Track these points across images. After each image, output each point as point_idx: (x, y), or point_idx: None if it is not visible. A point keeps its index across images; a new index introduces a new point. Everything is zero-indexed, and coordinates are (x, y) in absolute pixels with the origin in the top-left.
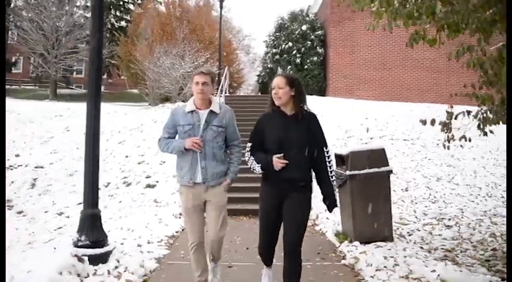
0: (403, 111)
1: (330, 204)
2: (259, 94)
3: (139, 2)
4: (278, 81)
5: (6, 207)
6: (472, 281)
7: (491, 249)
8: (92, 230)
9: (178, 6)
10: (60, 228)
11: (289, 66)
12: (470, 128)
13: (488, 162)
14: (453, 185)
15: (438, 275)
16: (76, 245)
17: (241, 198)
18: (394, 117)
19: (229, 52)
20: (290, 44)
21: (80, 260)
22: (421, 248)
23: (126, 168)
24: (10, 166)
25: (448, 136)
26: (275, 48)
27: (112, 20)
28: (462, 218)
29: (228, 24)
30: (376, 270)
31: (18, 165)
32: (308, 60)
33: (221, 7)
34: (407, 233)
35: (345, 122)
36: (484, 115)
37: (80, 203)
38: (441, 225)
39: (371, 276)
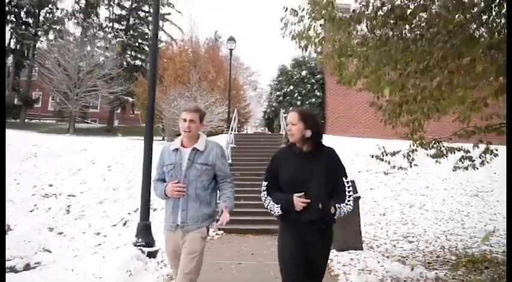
0: (390, 148)
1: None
2: (266, 130)
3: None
4: (291, 118)
5: (48, 229)
6: (407, 272)
7: (436, 256)
8: (145, 234)
9: (191, 52)
10: (100, 244)
11: (291, 108)
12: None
13: (456, 192)
14: (423, 210)
15: (384, 268)
16: (135, 245)
17: (246, 221)
18: (381, 154)
19: (236, 89)
20: (292, 87)
21: (143, 251)
22: (382, 255)
23: (151, 196)
24: (46, 194)
25: (390, 166)
26: (278, 91)
27: (128, 59)
28: (424, 236)
29: (235, 62)
30: (343, 266)
31: (53, 194)
32: (308, 102)
33: (231, 55)
34: (376, 245)
35: None
36: (409, 153)
37: (114, 225)
38: (405, 241)
39: (338, 269)
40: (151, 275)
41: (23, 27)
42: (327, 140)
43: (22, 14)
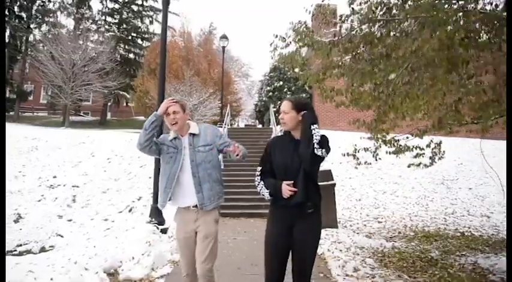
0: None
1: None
2: (257, 123)
3: (146, 36)
4: (284, 106)
5: (57, 217)
6: (371, 243)
7: (397, 233)
8: (157, 215)
9: (183, 48)
10: (109, 229)
11: (279, 102)
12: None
13: (425, 181)
14: (394, 196)
15: (352, 240)
16: (148, 223)
17: (240, 206)
18: (361, 146)
19: (228, 82)
20: (281, 82)
21: (157, 227)
22: (353, 231)
23: (151, 185)
24: (51, 185)
25: (357, 162)
26: (269, 87)
27: (122, 52)
28: (391, 217)
29: (227, 54)
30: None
31: (58, 185)
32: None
33: (223, 52)
34: (350, 225)
35: None
36: (375, 150)
37: (120, 212)
38: (374, 221)
39: None
40: (166, 244)
41: (16, 21)
42: None
43: (15, 8)
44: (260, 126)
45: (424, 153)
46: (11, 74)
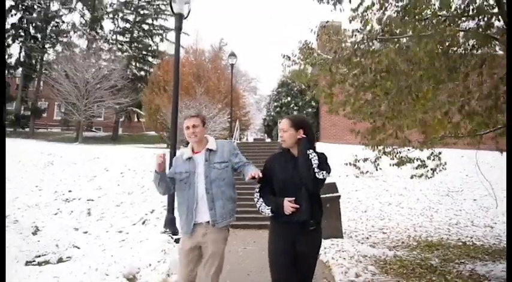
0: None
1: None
2: (266, 136)
3: (157, 54)
4: (283, 124)
5: (73, 229)
6: (374, 252)
7: (401, 243)
8: (171, 225)
9: (195, 66)
10: (123, 240)
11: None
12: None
13: (430, 192)
14: (399, 208)
15: (356, 249)
16: (164, 233)
17: (249, 218)
18: (363, 157)
19: (236, 98)
20: (289, 98)
21: (171, 237)
22: (358, 241)
23: (164, 199)
24: (67, 199)
25: (359, 171)
26: (276, 102)
27: (134, 70)
28: (396, 228)
29: (235, 69)
30: (324, 248)
31: (73, 199)
32: (304, 112)
33: (232, 69)
34: (355, 235)
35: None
36: (375, 160)
37: (134, 224)
38: (379, 232)
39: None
40: None
41: (32, 41)
42: (321, 147)
43: (31, 29)
44: (269, 140)
45: (426, 165)
46: (26, 91)
